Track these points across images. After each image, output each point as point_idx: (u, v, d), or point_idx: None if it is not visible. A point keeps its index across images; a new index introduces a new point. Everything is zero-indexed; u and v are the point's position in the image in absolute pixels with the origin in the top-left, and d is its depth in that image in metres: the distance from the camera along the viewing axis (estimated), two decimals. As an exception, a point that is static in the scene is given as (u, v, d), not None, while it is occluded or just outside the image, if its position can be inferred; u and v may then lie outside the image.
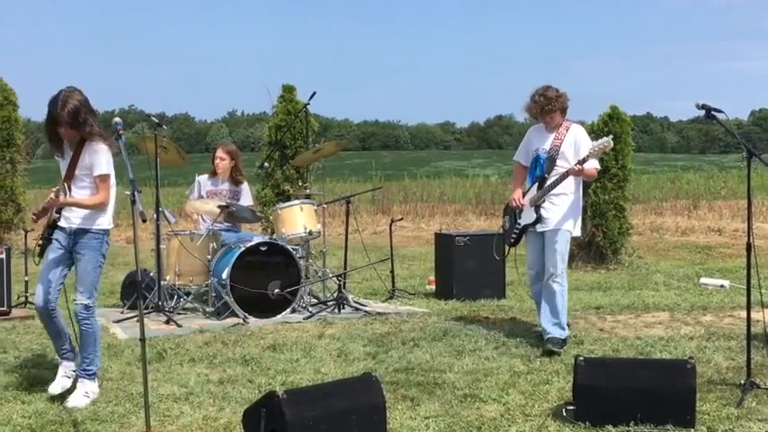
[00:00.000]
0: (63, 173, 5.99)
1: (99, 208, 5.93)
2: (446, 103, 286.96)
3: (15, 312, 9.02)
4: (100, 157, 5.85)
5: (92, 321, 5.99)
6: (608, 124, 12.56)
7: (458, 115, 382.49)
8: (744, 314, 6.16)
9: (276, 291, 9.03)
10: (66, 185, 5.87)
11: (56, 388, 5.94)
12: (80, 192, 5.91)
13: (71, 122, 5.73)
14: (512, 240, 7.84)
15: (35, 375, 6.42)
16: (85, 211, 5.91)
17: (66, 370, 6.09)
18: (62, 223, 5.93)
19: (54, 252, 5.92)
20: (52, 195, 5.83)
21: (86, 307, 5.92)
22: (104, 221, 5.98)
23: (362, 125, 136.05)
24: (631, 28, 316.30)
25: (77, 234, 5.92)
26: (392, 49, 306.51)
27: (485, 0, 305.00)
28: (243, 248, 8.95)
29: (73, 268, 6.02)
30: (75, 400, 5.81)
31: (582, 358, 5.40)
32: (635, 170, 14.27)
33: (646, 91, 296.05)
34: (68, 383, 5.98)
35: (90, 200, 5.89)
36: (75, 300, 5.93)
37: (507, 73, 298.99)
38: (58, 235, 5.93)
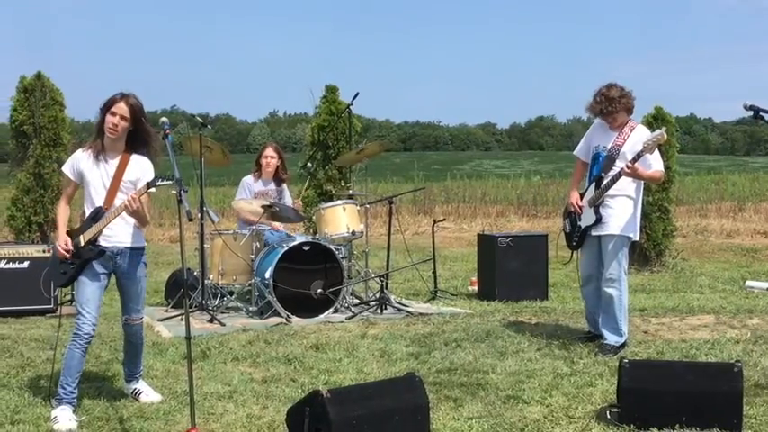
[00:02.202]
0: (97, 185, 5.66)
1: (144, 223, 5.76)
2: (487, 104, 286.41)
3: (62, 310, 9.11)
4: (150, 175, 5.63)
5: (143, 333, 6.08)
6: (653, 125, 12.44)
7: (499, 116, 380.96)
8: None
9: (319, 290, 9.06)
10: (103, 208, 5.57)
11: (72, 425, 5.35)
12: (122, 220, 5.64)
13: (131, 114, 5.56)
14: (574, 243, 7.73)
15: (83, 372, 6.48)
16: (132, 229, 5.72)
17: (70, 413, 5.44)
18: (104, 243, 5.62)
19: (96, 277, 5.61)
20: (126, 203, 5.42)
21: (143, 323, 5.99)
22: (144, 235, 5.91)
23: (403, 126, 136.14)
24: (676, 29, 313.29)
25: (125, 254, 5.72)
26: (433, 49, 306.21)
27: (527, 1, 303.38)
28: (286, 248, 8.98)
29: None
30: (155, 395, 5.93)
31: (627, 360, 5.36)
32: (679, 172, 14.14)
33: (690, 92, 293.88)
34: (75, 426, 5.36)
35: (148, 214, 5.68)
36: (132, 319, 5.87)
37: (549, 74, 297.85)
38: (96, 258, 5.61)
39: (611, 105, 7.32)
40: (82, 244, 5.60)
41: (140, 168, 5.67)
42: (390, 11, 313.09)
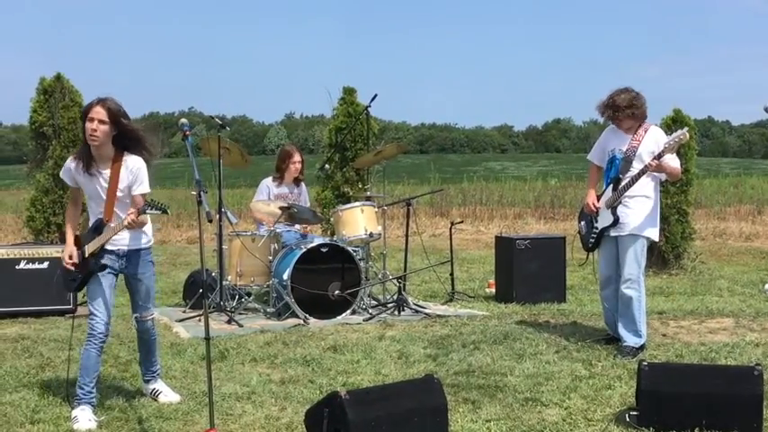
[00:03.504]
0: (95, 196, 5.67)
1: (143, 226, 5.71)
2: (503, 107, 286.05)
3: (81, 310, 9.16)
4: (142, 175, 5.60)
5: (156, 330, 6.10)
6: (671, 128, 12.39)
7: (515, 118, 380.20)
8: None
9: (336, 292, 9.07)
10: (105, 221, 5.56)
11: (91, 425, 5.39)
12: (124, 214, 5.57)
13: (108, 118, 5.44)
14: (590, 245, 7.72)
15: (101, 372, 6.49)
16: (135, 231, 5.69)
17: (90, 413, 5.47)
18: (110, 246, 5.64)
19: (107, 278, 5.65)
20: (124, 221, 5.41)
21: (154, 320, 6.02)
22: (150, 235, 5.89)
23: (419, 128, 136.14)
24: (694, 31, 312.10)
25: (131, 255, 5.74)
26: (451, 51, 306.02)
27: (543, 3, 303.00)
28: (304, 249, 9.00)
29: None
30: (174, 396, 5.95)
31: (646, 363, 5.34)
32: (697, 174, 14.07)
33: (707, 94, 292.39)
34: (94, 426, 5.40)
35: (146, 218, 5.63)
36: (142, 317, 5.90)
37: (566, 76, 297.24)
38: (106, 260, 5.64)
39: (618, 113, 7.32)
40: (86, 255, 5.64)
41: (129, 172, 5.59)
42: (407, 12, 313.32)
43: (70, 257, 5.66)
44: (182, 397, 5.97)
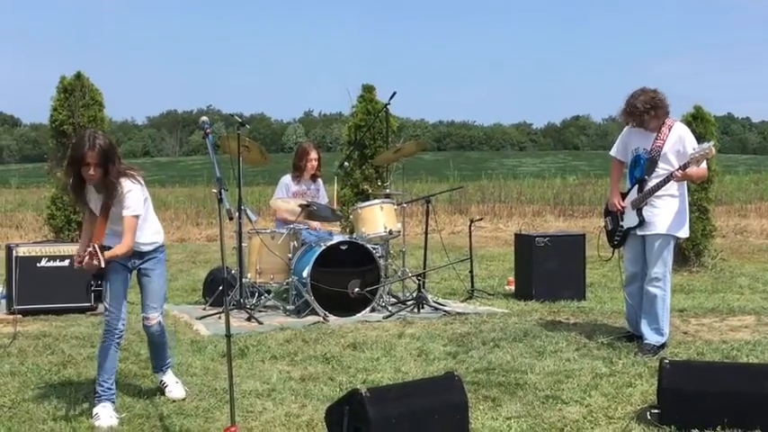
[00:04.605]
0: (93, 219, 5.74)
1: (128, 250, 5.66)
2: (522, 104, 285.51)
3: (101, 308, 9.19)
4: (131, 198, 5.57)
5: (164, 330, 6.06)
6: (692, 125, 12.32)
7: (534, 116, 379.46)
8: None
9: (356, 290, 9.07)
10: (96, 247, 5.40)
11: (113, 421, 5.42)
12: (117, 238, 5.63)
13: (100, 161, 5.44)
14: (615, 242, 7.68)
15: (122, 369, 6.53)
16: (141, 232, 5.70)
17: (111, 410, 5.51)
18: None
19: (119, 273, 5.68)
20: (88, 260, 5.35)
21: (160, 323, 5.92)
22: (159, 238, 5.90)
23: (437, 125, 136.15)
24: (713, 28, 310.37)
25: (142, 255, 5.78)
26: (469, 48, 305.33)
27: (562, 1, 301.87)
28: (324, 247, 9.00)
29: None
30: (178, 392, 5.96)
31: (667, 361, 5.31)
32: (718, 171, 14.00)
33: (727, 92, 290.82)
34: (116, 423, 5.42)
35: (122, 248, 5.55)
36: (148, 317, 5.85)
37: (585, 73, 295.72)
38: (119, 258, 5.63)
39: (639, 116, 7.25)
40: (103, 265, 5.51)
41: (121, 195, 5.58)
42: (425, 10, 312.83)
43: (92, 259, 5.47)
44: (187, 392, 5.97)
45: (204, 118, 5.65)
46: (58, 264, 9.17)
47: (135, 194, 5.59)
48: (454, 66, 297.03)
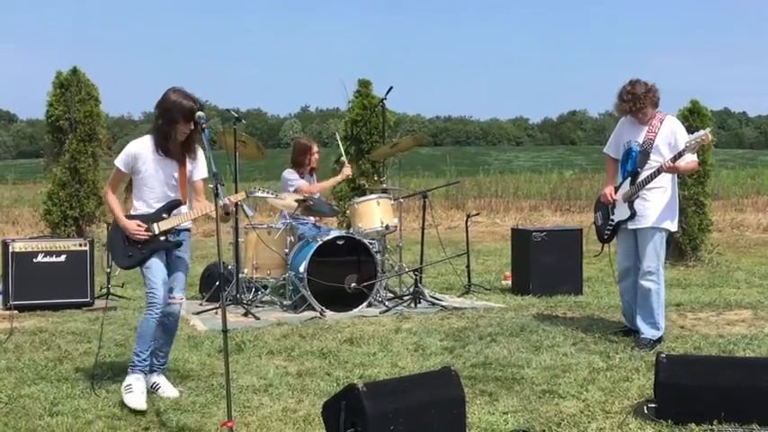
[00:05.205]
0: (164, 181, 5.83)
1: None
2: (518, 99, 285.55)
3: (98, 303, 9.20)
4: (203, 161, 5.89)
5: (179, 318, 6.11)
6: (688, 119, 12.34)
7: (530, 111, 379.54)
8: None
9: (353, 285, 9.08)
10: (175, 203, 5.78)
11: (142, 402, 5.55)
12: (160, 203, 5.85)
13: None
14: (605, 236, 7.70)
15: (119, 365, 6.52)
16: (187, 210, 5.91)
17: (144, 385, 5.72)
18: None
19: (161, 254, 5.83)
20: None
21: (181, 305, 6.01)
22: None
23: (434, 120, 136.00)
24: (709, 21, 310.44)
25: (182, 234, 5.92)
26: (466, 44, 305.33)
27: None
28: (320, 242, 9.00)
29: None
30: (172, 392, 5.92)
31: (664, 355, 5.32)
32: (714, 166, 14.00)
33: (723, 86, 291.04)
34: (145, 401, 5.58)
35: (207, 207, 5.82)
36: (173, 297, 5.89)
37: (582, 68, 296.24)
38: (171, 249, 5.85)
39: (640, 102, 7.24)
40: (157, 232, 5.74)
41: (196, 159, 5.90)
42: (422, 5, 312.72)
43: (146, 229, 5.73)
44: (181, 392, 5.93)
45: (201, 113, 5.63)
46: (54, 259, 9.17)
47: (203, 159, 5.88)
48: (451, 61, 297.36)
